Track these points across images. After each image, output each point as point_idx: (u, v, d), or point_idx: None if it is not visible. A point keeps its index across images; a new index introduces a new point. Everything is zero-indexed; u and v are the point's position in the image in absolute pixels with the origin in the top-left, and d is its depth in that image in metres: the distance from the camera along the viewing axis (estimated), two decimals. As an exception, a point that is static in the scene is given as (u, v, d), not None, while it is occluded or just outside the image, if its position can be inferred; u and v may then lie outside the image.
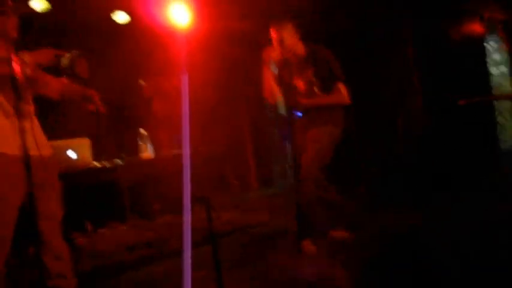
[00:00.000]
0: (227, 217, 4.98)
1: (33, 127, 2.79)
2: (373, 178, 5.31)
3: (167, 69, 5.21)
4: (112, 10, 5.42)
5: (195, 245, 3.67)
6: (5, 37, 2.78)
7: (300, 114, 3.87)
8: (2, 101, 2.66)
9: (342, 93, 3.60)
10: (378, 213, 4.37)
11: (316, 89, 3.64)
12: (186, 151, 4.36)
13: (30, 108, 2.83)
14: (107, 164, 4.23)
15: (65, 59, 4.81)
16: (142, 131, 4.59)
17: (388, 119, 5.39)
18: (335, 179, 3.77)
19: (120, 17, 5.50)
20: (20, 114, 2.64)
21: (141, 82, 5.25)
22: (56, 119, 4.55)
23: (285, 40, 3.59)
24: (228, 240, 4.12)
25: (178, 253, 3.58)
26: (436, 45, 5.16)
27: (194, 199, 3.84)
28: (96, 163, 4.20)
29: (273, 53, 3.62)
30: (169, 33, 5.08)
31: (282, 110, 4.01)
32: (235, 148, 7.14)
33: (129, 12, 5.48)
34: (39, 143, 2.75)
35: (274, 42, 3.64)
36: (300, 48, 3.68)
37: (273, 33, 3.64)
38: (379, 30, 5.21)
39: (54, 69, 4.32)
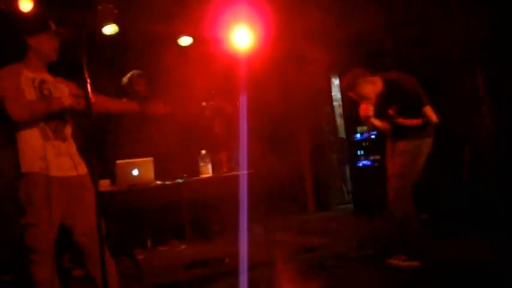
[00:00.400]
0: (284, 239, 4.94)
1: (70, 148, 2.93)
2: (439, 205, 5.12)
3: (229, 90, 5.32)
4: (176, 32, 5.62)
5: (252, 266, 3.68)
6: (43, 59, 2.94)
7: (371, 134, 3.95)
8: (43, 125, 2.79)
9: (431, 115, 3.60)
10: (442, 241, 4.20)
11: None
12: (244, 171, 4.40)
13: (67, 131, 2.95)
14: (169, 183, 4.33)
15: (125, 78, 5.04)
16: (203, 151, 4.67)
17: (455, 145, 5.20)
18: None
19: (185, 40, 5.69)
20: (58, 137, 2.82)
21: (203, 103, 5.37)
22: (124, 140, 4.74)
23: (362, 95, 3.69)
24: (284, 263, 4.07)
25: (235, 273, 3.59)
26: (507, 71, 4.98)
27: (254, 220, 3.87)
28: (158, 182, 4.30)
29: (366, 109, 3.71)
30: (231, 55, 5.20)
31: (342, 133, 4.03)
32: (294, 171, 7.12)
33: (192, 35, 5.66)
34: (76, 163, 2.92)
35: (357, 100, 3.76)
36: (378, 86, 3.72)
37: (350, 94, 3.78)
38: (449, 55, 5.10)
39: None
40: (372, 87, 3.73)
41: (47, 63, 2.96)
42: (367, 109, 3.69)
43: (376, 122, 3.81)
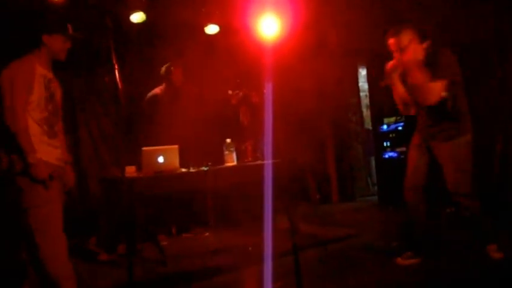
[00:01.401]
0: (308, 230, 4.93)
1: (62, 144, 3.08)
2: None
3: (255, 79, 5.30)
4: (204, 21, 5.62)
5: (276, 255, 3.68)
6: (52, 57, 3.02)
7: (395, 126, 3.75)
8: (40, 121, 2.90)
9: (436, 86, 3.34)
10: (468, 235, 4.12)
11: None
12: (268, 160, 4.40)
13: (59, 127, 3.08)
14: (193, 171, 4.36)
15: (163, 68, 5.14)
16: (228, 140, 4.68)
17: (486, 140, 5.08)
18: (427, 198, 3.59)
19: (211, 28, 5.69)
20: (52, 133, 2.91)
21: (229, 92, 5.38)
22: (150, 128, 4.79)
23: (403, 46, 3.46)
24: (308, 253, 4.07)
25: (259, 261, 3.60)
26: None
27: (276, 209, 3.86)
28: (183, 169, 4.33)
29: (395, 63, 3.52)
30: (258, 44, 5.18)
31: (369, 124, 3.91)
32: (318, 161, 7.09)
33: (219, 23, 5.65)
34: (64, 158, 3.08)
35: (393, 49, 3.53)
36: (419, 51, 3.49)
37: (391, 41, 3.53)
38: (479, 45, 4.97)
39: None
40: (415, 47, 3.48)
41: (52, 61, 3.05)
42: (397, 63, 3.50)
43: (398, 84, 3.59)
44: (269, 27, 5.17)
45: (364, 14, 5.11)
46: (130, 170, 4.13)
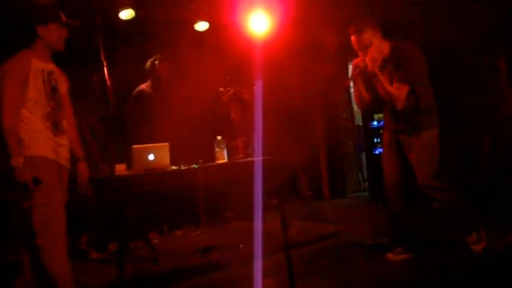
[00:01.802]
0: (299, 226, 4.94)
1: (66, 141, 3.04)
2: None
3: (245, 76, 5.29)
4: (193, 18, 5.59)
5: (267, 252, 3.69)
6: (50, 48, 2.97)
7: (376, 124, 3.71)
8: (45, 119, 2.87)
9: (397, 95, 3.32)
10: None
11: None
12: (259, 157, 4.39)
13: (64, 125, 3.04)
14: (184, 168, 4.34)
15: (148, 62, 5.07)
16: (219, 137, 4.66)
17: (475, 137, 5.12)
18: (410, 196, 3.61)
19: (201, 25, 5.66)
20: (59, 131, 2.88)
21: (220, 89, 5.36)
22: (140, 125, 4.76)
23: (364, 45, 3.41)
24: (300, 250, 4.07)
25: (250, 259, 3.60)
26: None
27: (267, 206, 3.85)
28: (173, 167, 4.31)
29: (360, 61, 3.47)
30: (248, 40, 5.17)
31: (359, 120, 3.89)
32: (309, 157, 7.09)
33: (209, 20, 5.62)
34: (68, 157, 3.06)
35: (355, 48, 3.49)
36: (383, 49, 3.44)
37: (352, 39, 3.47)
38: (468, 42, 4.99)
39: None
40: (379, 43, 3.42)
41: (53, 52, 2.99)
42: (363, 61, 3.42)
43: (359, 84, 3.54)
44: (259, 24, 5.17)
45: (353, 11, 5.11)
46: (121, 168, 4.10)
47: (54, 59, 3.00)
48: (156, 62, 4.97)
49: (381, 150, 3.61)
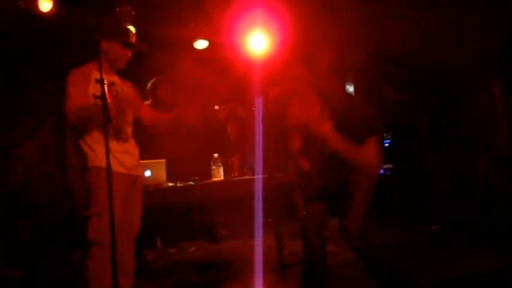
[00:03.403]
0: (295, 246, 4.92)
1: (132, 148, 3.09)
2: (450, 218, 5.07)
3: (243, 94, 5.32)
4: (192, 36, 5.64)
5: (262, 271, 3.67)
6: (112, 64, 3.02)
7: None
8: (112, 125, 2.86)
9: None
10: (453, 254, 4.16)
11: None
12: (259, 176, 4.40)
13: (129, 131, 3.09)
14: (180, 185, 4.34)
15: (149, 84, 5.10)
16: (215, 154, 4.68)
17: (469, 159, 5.15)
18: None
19: (200, 44, 5.72)
20: (120, 137, 2.90)
21: (216, 107, 5.39)
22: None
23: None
24: (294, 271, 4.05)
25: (244, 278, 3.59)
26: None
27: (265, 224, 3.85)
28: (169, 183, 4.32)
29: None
30: (247, 59, 5.21)
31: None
32: (306, 177, 7.08)
33: (208, 39, 5.68)
34: (137, 164, 3.10)
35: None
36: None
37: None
38: (463, 65, 5.06)
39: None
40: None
41: (116, 69, 3.05)
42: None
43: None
44: (258, 43, 5.22)
45: (351, 32, 5.18)
46: (117, 184, 4.10)
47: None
48: (157, 84, 5.00)
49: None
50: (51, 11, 4.25)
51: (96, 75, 2.87)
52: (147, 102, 5.03)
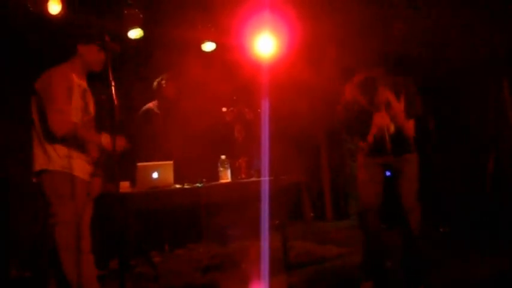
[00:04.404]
0: (301, 248, 4.91)
1: (90, 159, 3.09)
2: (459, 219, 5.05)
3: (250, 97, 5.34)
4: (200, 38, 5.67)
5: (269, 272, 3.67)
6: (87, 68, 3.02)
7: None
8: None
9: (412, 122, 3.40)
10: (462, 255, 4.13)
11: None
12: (265, 178, 4.41)
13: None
14: (187, 187, 4.36)
15: (155, 82, 5.13)
16: (222, 156, 4.70)
17: (479, 155, 5.13)
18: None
19: (208, 46, 5.74)
20: (86, 147, 2.94)
21: (223, 109, 5.40)
22: (145, 143, 4.79)
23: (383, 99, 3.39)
24: (301, 272, 4.05)
25: (251, 279, 3.59)
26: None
27: (271, 226, 3.85)
28: (177, 185, 4.34)
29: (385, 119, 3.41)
30: (254, 61, 5.22)
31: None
32: (312, 178, 7.09)
33: (216, 41, 5.70)
34: (91, 170, 3.10)
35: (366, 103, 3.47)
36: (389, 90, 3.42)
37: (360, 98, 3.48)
38: (474, 67, 5.04)
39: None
40: (390, 84, 3.43)
41: (89, 72, 3.06)
42: (386, 119, 3.37)
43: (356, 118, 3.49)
44: (265, 45, 5.23)
45: (360, 34, 5.17)
46: (125, 186, 4.13)
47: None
48: (163, 82, 5.03)
49: (388, 173, 3.58)
50: (60, 13, 4.28)
51: (75, 79, 2.92)
52: (154, 101, 5.06)
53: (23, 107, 3.98)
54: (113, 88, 2.61)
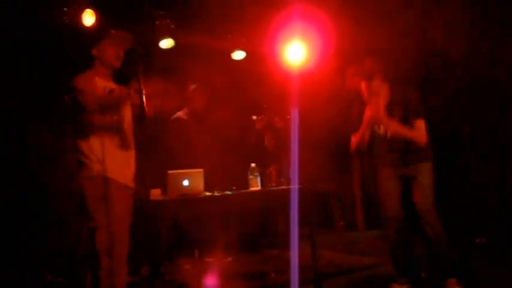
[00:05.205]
0: (331, 257, 4.86)
1: (132, 161, 3.16)
2: (496, 228, 4.90)
3: (280, 105, 5.33)
4: (231, 47, 5.71)
5: (298, 282, 3.64)
6: (108, 67, 3.08)
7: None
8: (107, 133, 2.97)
9: (421, 130, 3.39)
10: (497, 268, 4.00)
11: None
12: (295, 186, 4.38)
13: (132, 140, 3.15)
14: (217, 194, 4.37)
15: (185, 91, 5.19)
16: (253, 164, 4.69)
17: (483, 168, 5.03)
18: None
19: (238, 54, 5.78)
20: (126, 144, 2.95)
21: (253, 117, 5.41)
22: (176, 150, 4.84)
23: (378, 89, 3.49)
24: (331, 282, 4.00)
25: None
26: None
27: (300, 236, 3.82)
28: (207, 193, 4.36)
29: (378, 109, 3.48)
30: (284, 70, 5.23)
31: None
32: (344, 187, 7.01)
33: (246, 50, 5.73)
34: (132, 176, 3.18)
35: (364, 93, 3.58)
36: (386, 91, 3.53)
37: (363, 85, 3.56)
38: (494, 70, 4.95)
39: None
40: (387, 88, 3.52)
41: (112, 71, 3.12)
42: (379, 109, 3.44)
43: (390, 126, 3.53)
44: (295, 54, 5.23)
45: (396, 43, 5.13)
46: (156, 193, 4.17)
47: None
48: (193, 91, 5.10)
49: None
50: (93, 25, 4.39)
51: (99, 81, 2.97)
52: (185, 109, 5.12)
53: (59, 115, 4.09)
54: (144, 97, 2.65)
